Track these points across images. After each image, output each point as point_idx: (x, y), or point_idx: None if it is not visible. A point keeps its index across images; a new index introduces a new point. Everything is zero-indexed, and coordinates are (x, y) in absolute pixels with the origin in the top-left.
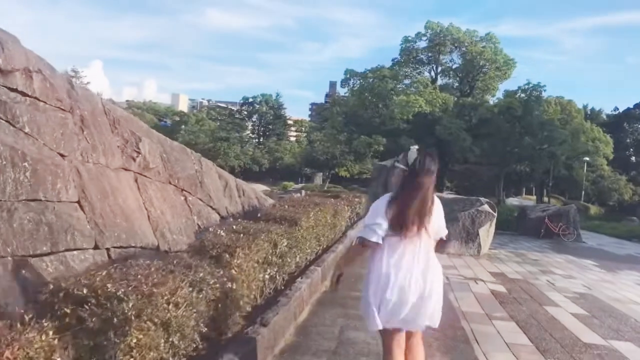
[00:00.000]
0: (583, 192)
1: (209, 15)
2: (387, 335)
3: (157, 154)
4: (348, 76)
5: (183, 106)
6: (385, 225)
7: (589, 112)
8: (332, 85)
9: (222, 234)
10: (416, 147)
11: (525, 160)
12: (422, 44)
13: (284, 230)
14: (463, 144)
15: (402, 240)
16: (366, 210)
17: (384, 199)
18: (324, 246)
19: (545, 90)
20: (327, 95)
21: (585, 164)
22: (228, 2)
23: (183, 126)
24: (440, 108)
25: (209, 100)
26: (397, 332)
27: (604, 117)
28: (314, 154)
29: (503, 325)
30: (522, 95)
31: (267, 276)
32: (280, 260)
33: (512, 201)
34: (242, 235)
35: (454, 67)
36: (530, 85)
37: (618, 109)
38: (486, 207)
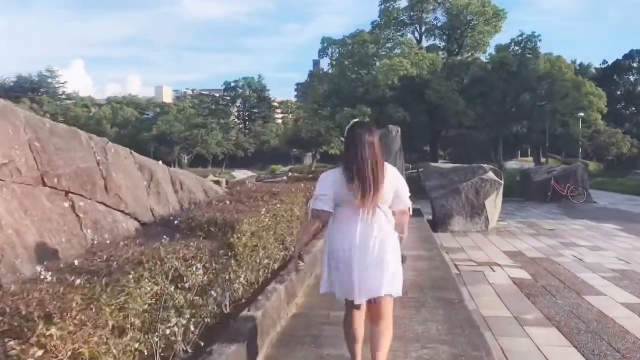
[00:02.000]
0: (580, 149)
1: (187, 5)
2: (346, 304)
3: (19, 143)
4: (326, 45)
5: (167, 98)
6: (332, 195)
7: (577, 68)
8: (316, 63)
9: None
10: (355, 120)
11: (524, 120)
12: (403, 3)
13: (208, 246)
14: (456, 107)
15: (348, 211)
16: None
17: (330, 172)
18: (294, 247)
19: (540, 41)
20: (310, 73)
21: (580, 120)
22: None
23: (163, 117)
24: (428, 70)
25: (193, 90)
26: (353, 302)
27: (594, 71)
28: (298, 133)
29: (542, 334)
30: (517, 48)
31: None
32: (194, 300)
33: (512, 165)
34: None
35: (439, 25)
36: (524, 36)
37: (607, 62)
38: (491, 174)
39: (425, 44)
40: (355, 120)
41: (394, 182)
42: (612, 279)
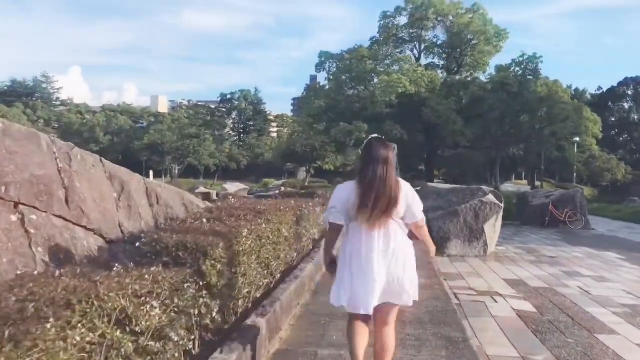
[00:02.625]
0: (575, 174)
1: (186, 16)
2: (351, 315)
3: None
4: (323, 59)
5: (163, 108)
6: (343, 209)
7: (573, 93)
8: (314, 78)
9: None
10: (374, 135)
11: (523, 142)
12: (403, 19)
13: (169, 278)
14: (454, 127)
15: (362, 226)
16: None
17: (345, 185)
18: (280, 272)
19: (542, 62)
20: (307, 87)
21: (575, 144)
22: (204, 2)
23: (161, 127)
24: (427, 88)
25: (189, 101)
26: (359, 315)
27: (589, 96)
28: (291, 146)
29: None
30: (517, 69)
31: None
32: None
33: (507, 187)
34: None
35: (438, 43)
36: (526, 57)
37: (602, 89)
38: (491, 197)
39: (424, 61)
40: (372, 136)
41: (407, 196)
42: (623, 315)
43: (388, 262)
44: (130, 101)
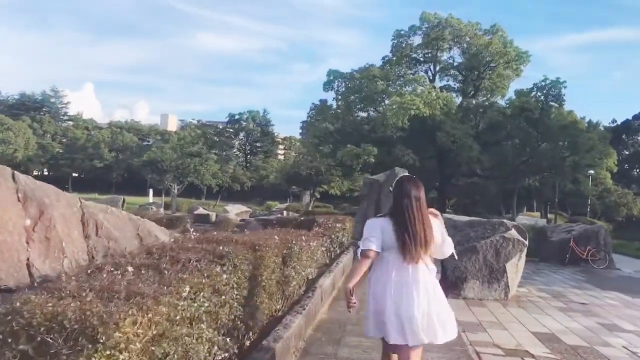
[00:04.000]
0: (589, 208)
1: (200, 39)
2: (385, 346)
3: None
4: (332, 78)
5: (172, 126)
6: (380, 238)
7: (587, 125)
8: (323, 102)
9: None
10: (405, 173)
11: (544, 172)
12: (417, 39)
13: None
14: (470, 153)
15: (391, 259)
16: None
17: (380, 219)
18: (256, 332)
19: (565, 87)
20: (313, 106)
21: (590, 177)
22: (219, 26)
23: (163, 144)
24: (442, 111)
25: (198, 120)
26: (395, 345)
27: (602, 129)
28: (295, 169)
29: None
30: (539, 94)
31: None
32: None
33: (521, 220)
34: None
35: (455, 64)
36: (548, 81)
37: (616, 121)
38: (514, 232)
39: (438, 83)
40: (403, 175)
41: (438, 232)
42: None
43: (423, 296)
44: (142, 119)
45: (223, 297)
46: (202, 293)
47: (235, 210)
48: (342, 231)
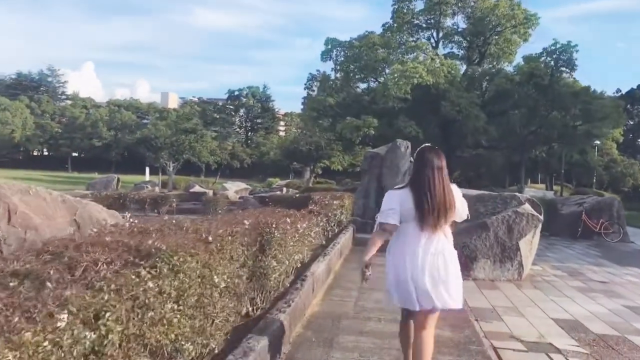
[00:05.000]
0: (594, 179)
1: (198, 15)
2: (405, 313)
3: None
4: (329, 47)
5: (173, 104)
6: (399, 210)
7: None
8: (321, 73)
9: None
10: (425, 144)
11: (553, 143)
12: (419, 4)
13: None
14: (476, 123)
15: (411, 229)
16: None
17: (399, 190)
18: (213, 350)
19: (577, 51)
20: (309, 77)
21: (596, 148)
22: (216, 1)
23: (158, 121)
24: (446, 79)
25: (199, 98)
26: (414, 312)
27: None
28: (295, 144)
29: None
30: (549, 59)
31: None
32: None
33: (529, 192)
34: None
35: (459, 30)
36: (559, 45)
37: (620, 91)
38: (527, 207)
39: (441, 51)
40: (424, 145)
41: (459, 201)
42: None
43: (438, 264)
44: (142, 98)
45: (151, 312)
46: (106, 315)
47: (234, 188)
48: (340, 209)
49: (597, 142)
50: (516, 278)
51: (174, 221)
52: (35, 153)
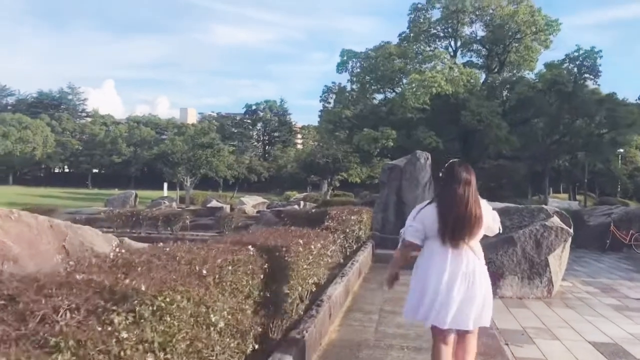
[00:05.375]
0: (619, 188)
1: (218, 32)
2: (435, 333)
3: None
4: (345, 58)
5: (192, 120)
6: (422, 227)
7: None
8: (337, 85)
9: None
10: (457, 159)
11: (577, 151)
12: (436, 13)
13: None
14: (498, 132)
15: (439, 245)
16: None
17: (427, 205)
18: None
19: (601, 57)
20: (325, 89)
21: (619, 156)
22: (234, 18)
23: (175, 137)
24: (465, 88)
25: (217, 113)
26: (444, 331)
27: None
28: (312, 157)
29: None
30: (571, 66)
31: None
32: None
33: (553, 203)
34: None
35: (478, 38)
36: (582, 52)
37: None
38: (556, 220)
39: (460, 60)
40: (453, 160)
41: (487, 215)
42: None
43: (467, 282)
44: (162, 114)
45: None
46: None
47: (252, 202)
48: (359, 224)
49: (621, 150)
50: (545, 295)
51: (167, 249)
52: (56, 170)
